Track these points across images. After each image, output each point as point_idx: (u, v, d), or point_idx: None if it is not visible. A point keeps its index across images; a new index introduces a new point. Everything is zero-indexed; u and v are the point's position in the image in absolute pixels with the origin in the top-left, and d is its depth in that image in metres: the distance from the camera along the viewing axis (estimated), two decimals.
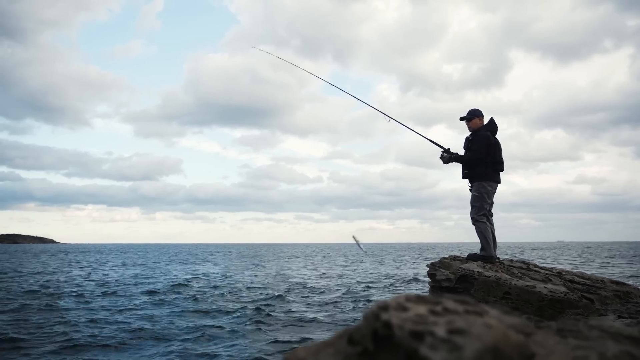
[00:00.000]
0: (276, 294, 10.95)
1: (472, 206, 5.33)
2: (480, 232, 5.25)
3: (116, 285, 13.22)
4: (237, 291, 11.78)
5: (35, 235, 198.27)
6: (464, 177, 5.50)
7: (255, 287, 12.69)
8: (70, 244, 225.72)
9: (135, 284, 13.58)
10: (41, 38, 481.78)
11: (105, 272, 18.77)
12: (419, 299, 0.68)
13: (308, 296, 10.80)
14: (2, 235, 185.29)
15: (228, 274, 17.85)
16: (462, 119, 5.56)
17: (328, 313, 8.39)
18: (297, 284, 13.75)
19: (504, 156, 5.49)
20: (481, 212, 5.28)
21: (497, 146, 5.39)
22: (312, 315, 8.11)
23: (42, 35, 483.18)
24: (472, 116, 5.47)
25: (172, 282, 14.05)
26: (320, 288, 12.42)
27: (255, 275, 17.09)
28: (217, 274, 17.94)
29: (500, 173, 5.46)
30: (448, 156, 5.49)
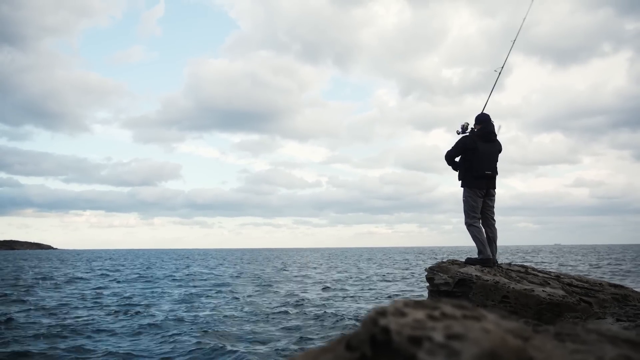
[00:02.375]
0: None
1: (463, 212, 5.38)
2: (475, 236, 5.24)
3: None
4: None
5: (32, 241, 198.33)
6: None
7: None
8: (67, 250, 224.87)
9: None
10: (42, 45, 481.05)
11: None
12: (417, 304, 0.68)
13: None
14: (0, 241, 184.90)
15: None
16: None
17: None
18: None
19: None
20: (469, 217, 5.27)
21: (475, 152, 5.17)
22: None
23: (42, 42, 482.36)
24: (475, 122, 5.51)
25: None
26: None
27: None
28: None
29: (496, 180, 5.32)
30: None
